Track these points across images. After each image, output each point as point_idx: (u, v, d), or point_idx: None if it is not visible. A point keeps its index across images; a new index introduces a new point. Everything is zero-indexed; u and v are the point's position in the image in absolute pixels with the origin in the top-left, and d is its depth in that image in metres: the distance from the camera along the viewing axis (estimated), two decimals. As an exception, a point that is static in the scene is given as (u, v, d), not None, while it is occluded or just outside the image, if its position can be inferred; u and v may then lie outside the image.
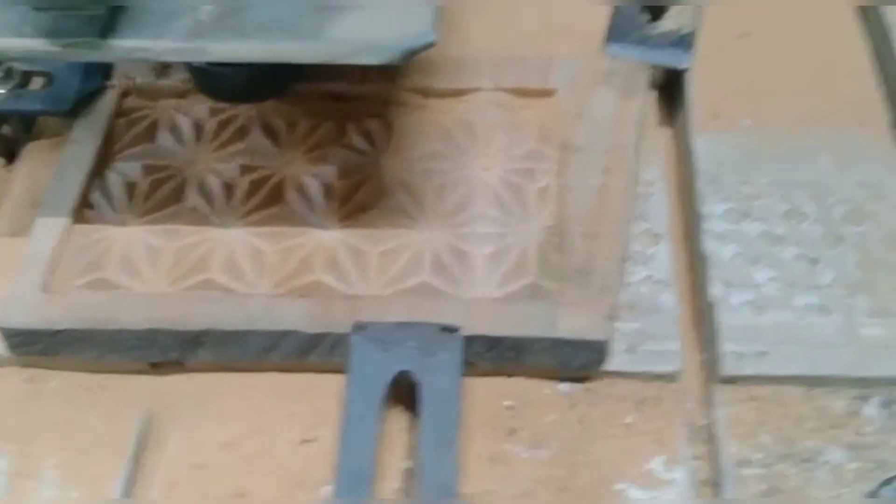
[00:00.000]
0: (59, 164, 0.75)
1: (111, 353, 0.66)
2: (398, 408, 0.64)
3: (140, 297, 0.67)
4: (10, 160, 0.82)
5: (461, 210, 0.72)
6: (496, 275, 0.68)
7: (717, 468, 0.62)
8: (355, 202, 0.72)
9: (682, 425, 0.64)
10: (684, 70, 0.80)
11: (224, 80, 0.73)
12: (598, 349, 0.64)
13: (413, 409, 0.63)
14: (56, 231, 0.70)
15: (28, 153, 0.81)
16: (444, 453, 0.59)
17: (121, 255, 0.70)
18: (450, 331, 0.63)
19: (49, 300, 0.67)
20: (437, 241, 0.70)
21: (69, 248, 0.70)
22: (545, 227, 0.70)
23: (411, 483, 0.61)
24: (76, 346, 0.66)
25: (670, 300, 0.68)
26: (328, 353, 0.65)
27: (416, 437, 0.61)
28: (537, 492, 0.61)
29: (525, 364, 0.65)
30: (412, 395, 0.63)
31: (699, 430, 0.65)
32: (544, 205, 0.72)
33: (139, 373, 0.68)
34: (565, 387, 0.66)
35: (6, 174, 0.81)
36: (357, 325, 0.64)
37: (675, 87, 0.82)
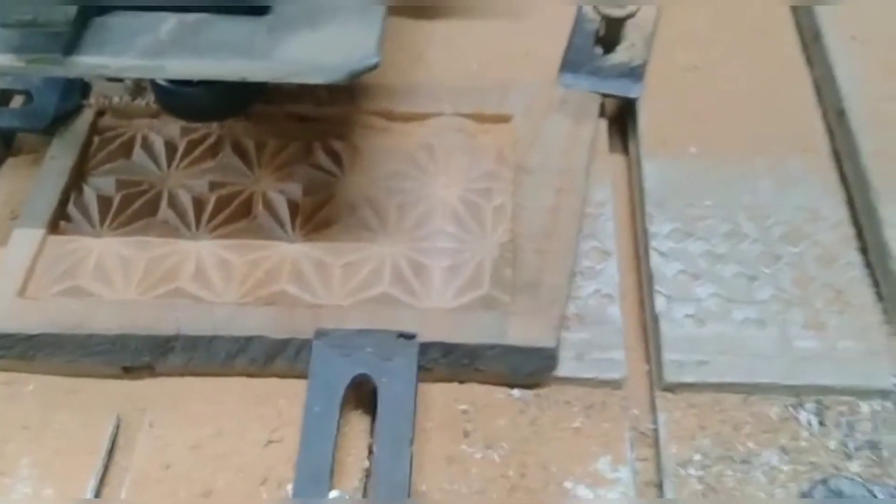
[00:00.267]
0: (37, 179, 0.77)
1: (85, 358, 0.68)
2: (360, 411, 0.67)
3: (112, 304, 0.69)
4: (-10, 174, 0.84)
5: (421, 226, 0.75)
6: (452, 286, 0.71)
7: (659, 469, 0.65)
8: (320, 217, 0.75)
9: (628, 429, 0.67)
10: (635, 99, 0.83)
11: (186, 98, 0.74)
12: (547, 356, 0.67)
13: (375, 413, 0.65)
14: (33, 241, 0.73)
15: (7, 168, 0.84)
16: (398, 452, 0.62)
17: (94, 265, 0.72)
18: (406, 337, 0.66)
19: (25, 306, 0.69)
20: (397, 254, 0.73)
21: (45, 257, 0.72)
22: (500, 243, 0.73)
23: (369, 482, 0.64)
24: (51, 350, 0.68)
25: (617, 312, 0.71)
26: (293, 358, 0.68)
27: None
28: (491, 490, 0.64)
29: (479, 370, 0.68)
30: (374, 401, 0.65)
31: (643, 433, 0.68)
32: (499, 222, 0.75)
33: (112, 377, 0.70)
34: (517, 392, 0.68)
35: (-15, 188, 0.83)
36: (319, 332, 0.67)
37: (628, 115, 0.85)
